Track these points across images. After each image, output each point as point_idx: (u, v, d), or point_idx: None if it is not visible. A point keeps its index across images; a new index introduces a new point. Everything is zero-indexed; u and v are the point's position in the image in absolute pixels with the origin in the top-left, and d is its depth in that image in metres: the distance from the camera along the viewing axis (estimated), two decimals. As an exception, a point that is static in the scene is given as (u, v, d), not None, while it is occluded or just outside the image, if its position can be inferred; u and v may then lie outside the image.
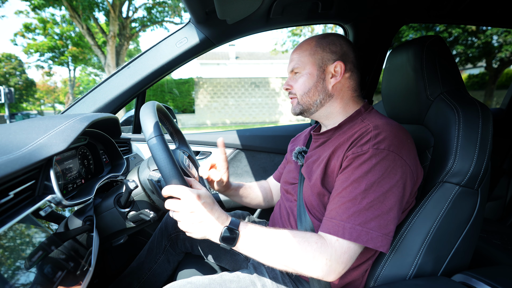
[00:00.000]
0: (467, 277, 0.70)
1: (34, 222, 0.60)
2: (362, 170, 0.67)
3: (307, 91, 0.84)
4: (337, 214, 0.67)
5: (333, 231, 0.66)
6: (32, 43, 17.05)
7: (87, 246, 0.75)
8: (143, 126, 0.68)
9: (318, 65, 0.83)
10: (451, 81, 0.84)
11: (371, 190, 0.65)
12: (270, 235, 0.68)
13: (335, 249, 0.65)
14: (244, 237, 0.67)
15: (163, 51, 1.22)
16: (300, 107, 0.87)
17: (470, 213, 0.75)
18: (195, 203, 0.65)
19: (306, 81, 0.84)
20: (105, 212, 0.86)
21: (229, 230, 0.66)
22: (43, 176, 0.69)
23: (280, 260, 0.67)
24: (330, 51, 0.82)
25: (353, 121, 0.81)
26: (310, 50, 0.84)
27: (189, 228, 0.67)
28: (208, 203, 0.68)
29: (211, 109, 15.13)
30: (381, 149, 0.67)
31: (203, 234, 0.67)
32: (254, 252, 0.68)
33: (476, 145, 0.74)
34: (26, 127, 0.73)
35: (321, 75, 0.83)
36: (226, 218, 0.70)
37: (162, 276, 1.12)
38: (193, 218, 0.66)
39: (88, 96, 1.24)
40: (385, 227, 0.65)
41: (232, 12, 1.06)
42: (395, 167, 0.66)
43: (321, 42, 0.84)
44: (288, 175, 0.98)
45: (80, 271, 0.67)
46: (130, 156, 1.32)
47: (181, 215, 0.66)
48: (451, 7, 1.35)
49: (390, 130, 0.70)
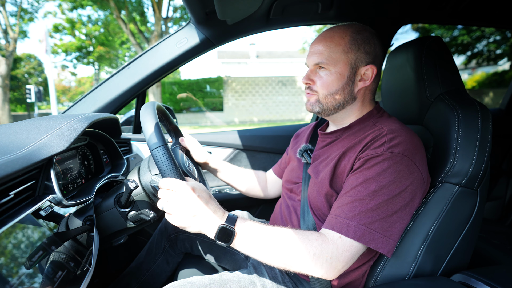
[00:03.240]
0: (466, 277, 0.70)
1: (35, 222, 0.60)
2: (374, 171, 0.66)
3: (333, 91, 0.77)
4: (342, 212, 0.66)
5: (337, 227, 0.65)
6: (59, 43, 17.65)
7: (88, 246, 0.75)
8: (145, 134, 0.69)
9: (351, 65, 0.76)
10: (451, 81, 0.85)
11: (381, 193, 0.65)
12: (269, 232, 0.66)
13: (336, 246, 0.64)
14: (241, 234, 0.65)
15: (163, 51, 1.23)
16: (320, 106, 0.81)
17: (470, 213, 0.75)
18: (189, 194, 0.63)
19: (335, 81, 0.77)
20: (105, 212, 0.86)
21: (225, 227, 0.64)
22: (43, 176, 0.69)
23: (280, 258, 0.65)
24: (365, 52, 0.76)
25: (364, 123, 0.80)
26: (344, 46, 0.76)
27: (182, 222, 0.64)
28: (203, 196, 0.65)
29: (239, 107, 15.48)
30: (395, 153, 0.66)
31: (198, 228, 0.65)
32: (252, 250, 0.66)
33: (475, 145, 0.74)
34: (26, 127, 0.73)
35: (351, 77, 0.77)
36: (223, 213, 0.67)
37: (160, 277, 1.12)
38: (186, 211, 0.63)
39: (88, 96, 1.24)
40: (388, 229, 0.64)
41: (232, 13, 1.06)
42: (407, 172, 0.66)
43: (356, 38, 0.76)
44: (291, 173, 0.97)
45: (81, 270, 0.67)
46: (130, 156, 1.32)
47: (173, 207, 0.63)
48: (450, 7, 1.35)
49: (405, 135, 0.69)
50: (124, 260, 1.33)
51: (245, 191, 1.17)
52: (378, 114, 0.82)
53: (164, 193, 0.65)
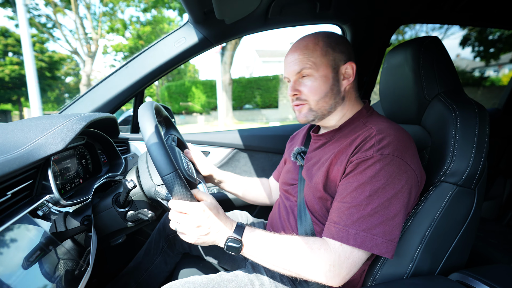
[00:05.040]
0: (464, 276, 0.70)
1: (32, 222, 0.60)
2: (366, 175, 0.66)
3: (323, 95, 0.78)
4: (341, 220, 0.66)
5: (337, 236, 0.65)
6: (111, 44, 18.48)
7: (85, 245, 0.75)
8: (154, 159, 0.63)
9: (332, 66, 0.78)
10: (449, 81, 0.85)
11: (376, 196, 0.64)
12: (274, 241, 0.69)
13: (338, 255, 0.65)
14: (249, 244, 0.69)
15: (162, 51, 1.22)
16: (314, 113, 0.81)
17: (467, 212, 0.76)
18: (202, 217, 0.67)
19: (322, 84, 0.77)
20: (103, 212, 0.86)
21: (234, 239, 0.68)
22: (41, 176, 0.69)
23: (284, 265, 0.68)
24: (340, 51, 0.78)
25: (354, 123, 0.80)
26: (321, 50, 0.77)
27: (197, 240, 0.68)
28: (214, 213, 0.69)
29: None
30: (385, 155, 0.66)
31: (211, 242, 0.69)
32: (259, 258, 0.70)
33: (473, 145, 0.74)
34: (23, 127, 0.73)
35: (335, 77, 0.78)
36: (231, 225, 0.71)
37: (159, 277, 1.12)
38: (200, 231, 0.67)
39: (86, 95, 1.23)
40: (390, 233, 0.64)
41: (230, 12, 1.06)
42: (400, 173, 0.66)
43: (329, 41, 0.78)
44: (287, 175, 0.98)
45: (79, 270, 0.67)
46: (128, 155, 1.32)
47: (186, 228, 0.67)
48: (448, 7, 1.35)
49: (394, 134, 0.69)
50: (122, 260, 1.33)
51: (252, 200, 1.18)
52: (367, 113, 0.82)
53: (176, 216, 0.67)
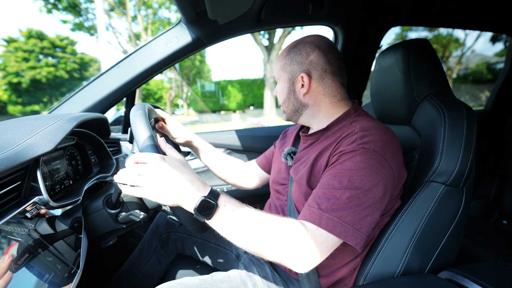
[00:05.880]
0: (453, 274, 0.72)
1: (21, 224, 0.59)
2: (346, 166, 0.67)
3: (282, 101, 0.89)
4: (316, 203, 0.66)
5: (310, 218, 0.64)
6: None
7: (76, 248, 0.74)
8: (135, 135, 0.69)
9: (288, 78, 0.85)
10: (438, 83, 0.87)
11: (353, 186, 0.65)
12: (251, 213, 0.63)
13: (315, 237, 0.62)
14: (223, 211, 0.61)
15: (154, 51, 1.21)
16: (285, 114, 0.92)
17: (456, 211, 0.77)
18: (160, 164, 0.60)
19: (282, 92, 0.88)
20: (94, 213, 0.84)
21: (207, 199, 0.59)
22: (29, 177, 0.67)
23: (258, 242, 0.62)
24: (297, 63, 0.83)
25: (341, 122, 0.81)
26: (281, 62, 0.86)
27: (154, 193, 0.59)
28: (177, 165, 0.62)
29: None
30: (366, 148, 0.67)
31: (173, 200, 0.60)
32: (231, 230, 0.62)
33: (461, 145, 0.76)
34: (12, 127, 0.71)
35: (291, 87, 0.85)
36: (203, 185, 0.62)
37: (153, 278, 1.11)
38: (157, 181, 0.59)
39: (76, 95, 1.21)
40: (358, 222, 0.64)
41: (223, 13, 1.06)
42: (378, 167, 0.66)
43: (290, 53, 0.85)
44: (278, 175, 0.99)
45: (68, 273, 0.65)
46: (120, 156, 1.30)
47: (143, 179, 0.59)
48: (437, 11, 1.38)
49: (376, 133, 0.70)
50: (113, 262, 1.31)
51: (224, 178, 1.15)
52: (355, 113, 0.83)
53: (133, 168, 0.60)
